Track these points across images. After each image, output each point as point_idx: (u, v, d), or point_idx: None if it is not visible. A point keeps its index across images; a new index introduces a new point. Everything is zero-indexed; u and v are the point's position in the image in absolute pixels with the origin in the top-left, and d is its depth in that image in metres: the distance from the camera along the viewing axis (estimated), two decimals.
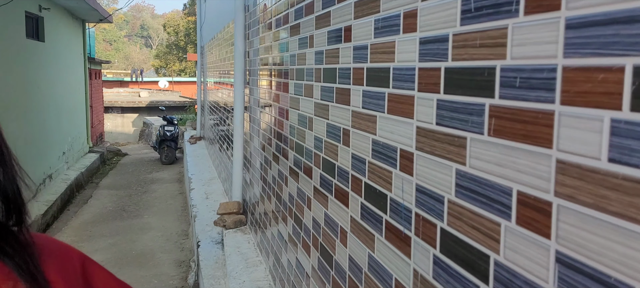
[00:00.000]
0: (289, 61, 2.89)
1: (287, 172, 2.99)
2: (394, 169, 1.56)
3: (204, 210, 5.78)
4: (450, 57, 1.24)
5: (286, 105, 2.99)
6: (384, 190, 1.63)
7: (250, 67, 4.38)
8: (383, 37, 1.63)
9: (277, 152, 3.26)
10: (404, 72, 1.49)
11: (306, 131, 2.55)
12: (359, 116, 1.84)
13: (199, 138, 11.57)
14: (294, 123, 2.79)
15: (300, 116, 2.67)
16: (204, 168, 8.24)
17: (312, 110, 2.45)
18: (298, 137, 2.71)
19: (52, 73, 11.23)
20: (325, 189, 2.25)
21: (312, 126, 2.45)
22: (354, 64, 1.89)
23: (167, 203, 9.17)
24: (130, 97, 27.84)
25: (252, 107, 4.29)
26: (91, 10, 12.98)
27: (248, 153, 4.49)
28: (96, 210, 8.96)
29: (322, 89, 2.29)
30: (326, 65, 2.22)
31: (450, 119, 1.25)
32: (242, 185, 4.69)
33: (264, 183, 3.72)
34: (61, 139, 11.83)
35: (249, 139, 4.47)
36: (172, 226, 7.58)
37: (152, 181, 11.56)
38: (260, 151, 3.90)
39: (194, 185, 7.14)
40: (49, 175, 10.48)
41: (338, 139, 2.07)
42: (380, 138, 1.66)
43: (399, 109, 1.52)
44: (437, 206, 1.31)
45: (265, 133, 3.66)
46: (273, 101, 3.37)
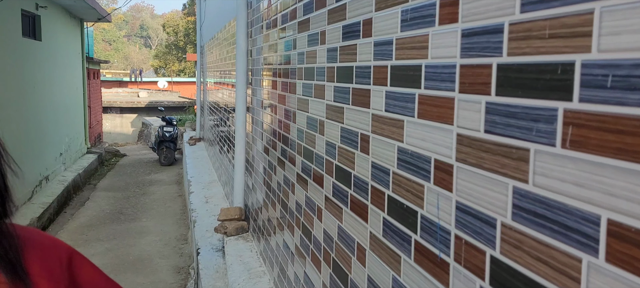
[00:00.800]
0: (297, 60, 2.68)
1: (294, 179, 2.78)
2: (426, 183, 1.35)
3: (203, 215, 5.57)
4: (506, 51, 1.04)
5: (293, 106, 2.78)
6: (415, 205, 1.42)
7: (252, 67, 4.17)
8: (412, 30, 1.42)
9: (282, 156, 3.06)
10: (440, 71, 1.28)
11: (316, 135, 2.34)
12: (381, 120, 1.63)
13: (198, 139, 11.36)
14: (302, 126, 2.59)
15: (309, 119, 2.46)
16: (203, 171, 8.03)
17: (323, 112, 2.24)
18: (307, 142, 2.50)
19: (49, 72, 11.02)
20: (339, 200, 2.04)
21: (323, 130, 2.24)
22: (374, 61, 1.68)
23: (166, 206, 8.96)
24: (129, 97, 27.65)
25: (254, 108, 4.08)
26: (89, 8, 12.77)
27: (250, 156, 4.28)
28: (93, 212, 8.75)
29: (335, 90, 2.08)
30: (340, 63, 2.01)
31: (504, 127, 1.04)
32: (243, 189, 4.48)
33: (268, 189, 3.51)
34: (58, 140, 11.61)
35: (251, 141, 4.26)
36: (171, 230, 7.37)
37: (151, 183, 11.35)
38: (263, 155, 3.69)
39: (194, 188, 6.93)
40: (45, 177, 10.27)
41: (355, 146, 1.86)
42: (408, 146, 1.45)
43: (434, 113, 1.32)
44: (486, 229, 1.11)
45: (269, 136, 3.45)
46: (278, 102, 3.16)
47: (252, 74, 4.20)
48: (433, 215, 1.32)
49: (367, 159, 1.74)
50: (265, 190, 3.64)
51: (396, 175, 1.53)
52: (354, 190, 1.88)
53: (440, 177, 1.29)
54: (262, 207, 3.78)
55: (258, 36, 3.91)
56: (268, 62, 3.51)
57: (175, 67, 48.50)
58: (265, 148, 3.64)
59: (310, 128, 2.44)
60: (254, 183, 4.13)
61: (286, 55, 2.95)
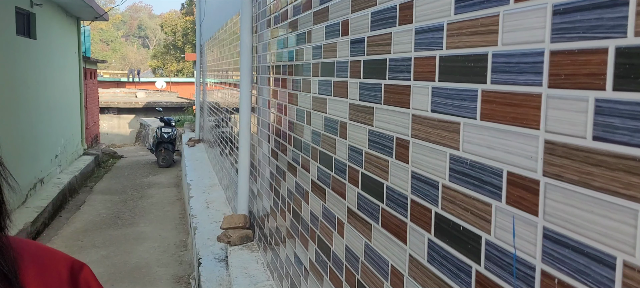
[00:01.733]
0: (312, 54, 2.41)
1: (308, 187, 2.50)
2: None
3: (204, 222, 5.28)
4: None
5: (306, 106, 2.50)
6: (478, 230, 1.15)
7: (258, 64, 3.89)
8: None
9: (294, 162, 2.78)
10: None
11: (336, 139, 2.07)
12: (426, 122, 1.36)
13: (197, 140, 11.07)
14: (319, 128, 2.31)
15: (327, 121, 2.18)
16: (203, 174, 7.75)
17: (345, 113, 1.96)
18: (324, 146, 2.23)
19: (44, 72, 10.73)
20: (367, 214, 1.77)
21: (345, 133, 1.97)
22: (416, 52, 1.41)
23: (165, 210, 8.66)
24: (126, 97, 27.37)
25: (260, 109, 3.80)
26: (86, 6, 12.47)
27: (256, 161, 4.01)
28: (89, 217, 8.45)
29: (361, 87, 1.81)
30: (368, 56, 1.74)
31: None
32: (248, 196, 4.20)
33: (276, 196, 3.24)
34: (54, 141, 11.32)
35: (256, 144, 3.98)
36: (170, 236, 7.09)
37: (149, 185, 11.06)
38: (271, 159, 3.41)
39: (194, 192, 6.65)
40: (40, 180, 9.97)
41: (389, 152, 1.59)
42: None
43: None
44: None
45: (278, 139, 3.18)
46: (288, 102, 2.89)
47: (258, 72, 3.93)
48: (509, 243, 1.04)
49: (407, 169, 1.47)
50: (273, 198, 3.37)
51: (446, 189, 1.26)
52: (387, 204, 1.60)
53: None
54: (268, 215, 3.51)
55: (264, 31, 3.63)
56: (276, 59, 3.23)
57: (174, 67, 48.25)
58: (272, 152, 3.36)
59: (329, 130, 2.16)
60: (259, 190, 3.86)
61: (298, 50, 2.68)
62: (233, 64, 5.50)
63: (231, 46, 5.68)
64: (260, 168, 3.83)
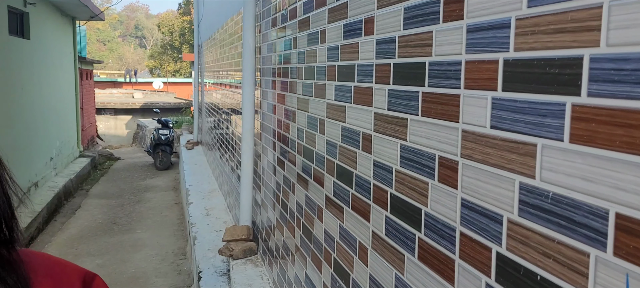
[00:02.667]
0: (327, 56, 2.16)
1: (322, 202, 2.26)
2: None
3: (204, 230, 5.03)
4: None
5: (319, 114, 2.26)
6: None
7: (262, 66, 3.65)
8: None
9: (305, 174, 2.53)
10: None
11: (358, 152, 1.82)
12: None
13: (196, 143, 10.81)
14: (335, 139, 2.07)
15: (346, 131, 1.94)
16: (202, 178, 7.49)
17: (368, 123, 1.72)
18: (342, 159, 1.99)
19: (38, 73, 10.46)
20: (398, 241, 1.52)
21: (369, 147, 1.72)
22: (467, 55, 1.17)
23: (162, 215, 8.41)
24: (123, 98, 27.10)
25: (264, 114, 3.55)
26: (81, 6, 12.20)
27: (259, 168, 3.76)
28: (84, 222, 8.19)
29: (390, 94, 1.56)
30: (400, 59, 1.50)
31: None
32: (251, 206, 3.95)
33: (284, 209, 2.99)
34: (49, 143, 11.05)
35: (260, 151, 3.74)
36: (168, 243, 6.83)
37: (146, 189, 10.80)
38: (277, 169, 3.17)
39: (193, 198, 6.39)
40: (34, 183, 9.71)
41: (430, 175, 1.34)
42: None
43: None
44: None
45: (285, 148, 2.93)
46: (298, 108, 2.64)
47: (261, 75, 3.68)
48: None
49: (455, 195, 1.23)
50: (279, 210, 3.12)
51: (510, 224, 1.02)
52: (426, 233, 1.36)
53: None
54: (274, 227, 3.26)
55: (269, 31, 3.38)
56: (283, 61, 2.98)
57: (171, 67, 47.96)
58: (278, 161, 3.12)
59: (348, 142, 1.92)
60: (264, 200, 3.61)
61: (309, 52, 2.43)
62: (234, 66, 5.26)
63: (232, 47, 5.43)
64: (264, 177, 3.59)
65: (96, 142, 19.17)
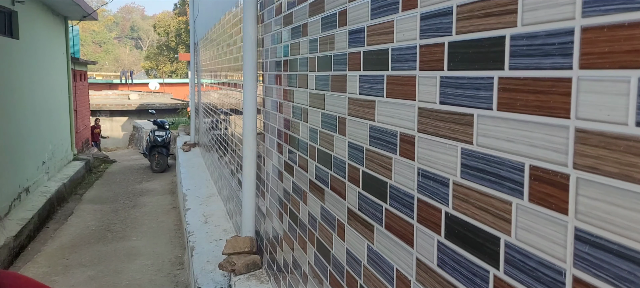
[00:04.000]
0: (347, 42, 1.80)
1: (343, 216, 1.90)
2: None
3: (203, 240, 4.66)
4: None
5: (339, 111, 1.90)
6: None
7: (265, 60, 3.28)
8: None
9: (320, 181, 2.17)
10: None
11: (393, 158, 1.46)
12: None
13: (193, 144, 10.44)
14: (360, 141, 1.70)
15: (375, 131, 1.58)
16: (200, 182, 7.12)
17: (411, 121, 1.36)
18: (371, 166, 1.62)
19: (29, 74, 10.08)
20: (451, 270, 1.16)
21: (412, 152, 1.36)
22: None
23: (158, 220, 8.03)
24: (119, 99, 26.74)
25: (268, 113, 3.19)
26: (73, 5, 11.81)
27: (263, 174, 3.39)
28: (77, 230, 7.81)
29: (442, 83, 1.20)
30: (459, 36, 1.13)
31: None
32: (254, 214, 3.58)
33: (294, 221, 2.62)
34: (41, 147, 10.67)
35: (263, 154, 3.37)
36: (164, 251, 6.45)
37: (142, 193, 10.41)
38: (284, 174, 2.80)
39: (190, 203, 6.01)
40: (25, 188, 9.33)
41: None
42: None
43: None
44: None
45: (294, 151, 2.57)
46: (309, 106, 2.28)
47: (264, 69, 3.31)
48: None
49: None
50: (287, 221, 2.75)
51: None
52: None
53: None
54: (282, 240, 2.90)
55: (273, 19, 3.02)
56: (290, 51, 2.62)
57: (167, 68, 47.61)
58: (286, 166, 2.75)
59: (379, 145, 1.56)
60: (268, 208, 3.25)
61: (324, 40, 2.07)
62: (233, 62, 4.89)
63: (230, 42, 5.06)
64: (269, 183, 3.22)
65: (99, 142, 18.80)
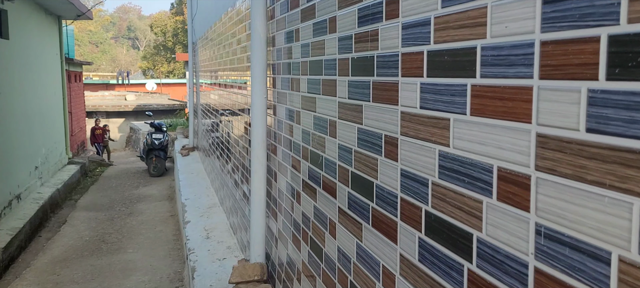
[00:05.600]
0: (402, 42, 1.38)
1: (394, 263, 1.48)
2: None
3: (205, 259, 4.23)
4: None
5: (386, 127, 1.48)
6: None
7: (276, 61, 2.86)
8: None
9: (356, 212, 1.75)
10: None
11: (484, 201, 1.04)
12: None
13: (192, 148, 10.00)
14: (423, 171, 1.29)
15: (446, 160, 1.16)
16: (200, 190, 6.69)
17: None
18: (438, 205, 1.20)
19: (20, 75, 9.64)
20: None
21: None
22: None
23: (156, 230, 7.60)
24: (115, 100, 26.30)
25: (282, 122, 2.77)
26: (66, 3, 11.37)
27: (275, 191, 2.97)
28: (69, 241, 7.37)
29: None
30: None
31: None
32: (264, 237, 3.16)
33: (317, 254, 2.20)
34: (33, 151, 10.23)
35: (275, 169, 2.95)
36: (163, 265, 6.03)
37: (139, 199, 9.98)
38: (303, 196, 2.38)
39: (190, 215, 5.59)
40: (17, 196, 8.90)
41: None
42: None
43: None
44: None
45: (317, 171, 2.15)
46: (340, 118, 1.86)
47: (275, 72, 2.89)
48: None
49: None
50: (307, 252, 2.34)
51: None
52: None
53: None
54: (300, 272, 2.48)
55: (287, 14, 2.59)
56: (312, 52, 2.19)
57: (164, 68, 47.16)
58: (306, 187, 2.33)
59: (449, 178, 1.14)
60: (282, 231, 2.83)
61: (360, 36, 1.65)
62: (237, 62, 4.46)
63: (233, 40, 4.64)
64: (282, 203, 2.80)
65: (102, 143, 18.36)
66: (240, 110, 4.24)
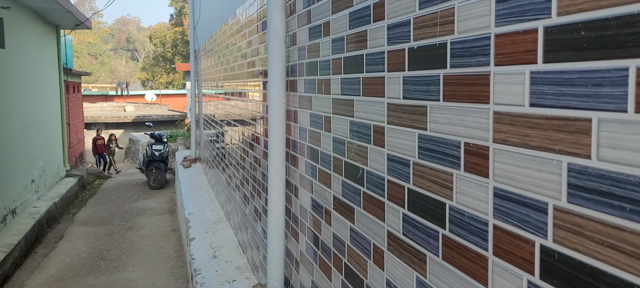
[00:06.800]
0: (495, 17, 1.05)
1: None
2: None
3: (213, 282, 3.87)
4: None
5: (466, 133, 1.15)
6: None
7: (298, 61, 2.52)
8: None
9: (417, 240, 1.41)
10: None
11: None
12: None
13: (194, 160, 9.65)
14: (509, 183, 0.95)
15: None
16: (204, 204, 6.34)
17: None
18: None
19: (16, 85, 9.31)
20: None
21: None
22: None
23: (157, 246, 7.24)
24: (114, 112, 26.00)
25: (306, 130, 2.42)
26: (64, 12, 11.06)
27: (296, 208, 2.62)
28: (66, 258, 7.00)
29: None
30: None
31: None
32: (283, 260, 2.80)
33: (355, 285, 1.85)
34: (29, 164, 9.87)
35: (297, 183, 2.61)
36: (165, 285, 5.66)
37: (139, 212, 9.62)
38: (335, 215, 2.04)
39: (194, 231, 5.23)
40: (12, 210, 8.54)
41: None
42: None
43: None
44: None
45: (357, 187, 1.81)
46: (390, 123, 1.52)
47: (296, 73, 2.55)
48: None
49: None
50: (340, 280, 1.99)
51: None
52: None
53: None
54: None
55: (312, 8, 2.26)
56: (349, 45, 1.86)
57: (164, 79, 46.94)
58: (338, 205, 1.99)
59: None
60: (305, 254, 2.48)
61: (422, 19, 1.32)
62: (247, 67, 4.13)
63: (242, 44, 4.31)
64: (306, 222, 2.46)
65: (106, 154, 18.04)
66: (251, 119, 3.90)
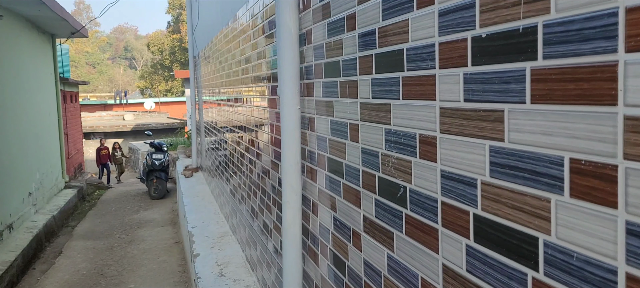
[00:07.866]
0: None
1: None
2: None
3: None
4: None
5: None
6: None
7: (314, 61, 2.24)
8: None
9: (476, 273, 1.12)
10: None
11: None
12: None
13: (195, 169, 9.36)
14: None
15: None
16: (208, 216, 6.05)
17: None
18: None
19: (11, 96, 9.03)
20: None
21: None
22: None
23: (159, 260, 6.94)
24: (113, 120, 25.76)
25: (326, 140, 2.14)
26: (59, 20, 10.78)
27: (314, 227, 2.33)
28: (65, 275, 6.71)
29: None
30: None
31: None
32: (301, 284, 2.51)
33: None
34: (26, 177, 9.59)
35: (314, 198, 2.32)
36: None
37: (140, 224, 9.33)
38: (365, 238, 1.75)
39: (199, 246, 4.93)
40: (8, 225, 8.25)
41: None
42: None
43: None
44: None
45: (396, 208, 1.52)
46: (443, 131, 1.24)
47: (312, 75, 2.27)
48: None
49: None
50: None
51: None
52: None
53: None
54: None
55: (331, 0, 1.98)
56: (379, 40, 1.57)
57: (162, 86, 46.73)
58: (370, 225, 1.70)
59: None
60: (327, 278, 2.19)
61: None
62: (252, 70, 3.84)
63: (246, 46, 4.02)
64: (326, 243, 2.17)
65: (111, 163, 17.80)
66: (259, 126, 3.62)
